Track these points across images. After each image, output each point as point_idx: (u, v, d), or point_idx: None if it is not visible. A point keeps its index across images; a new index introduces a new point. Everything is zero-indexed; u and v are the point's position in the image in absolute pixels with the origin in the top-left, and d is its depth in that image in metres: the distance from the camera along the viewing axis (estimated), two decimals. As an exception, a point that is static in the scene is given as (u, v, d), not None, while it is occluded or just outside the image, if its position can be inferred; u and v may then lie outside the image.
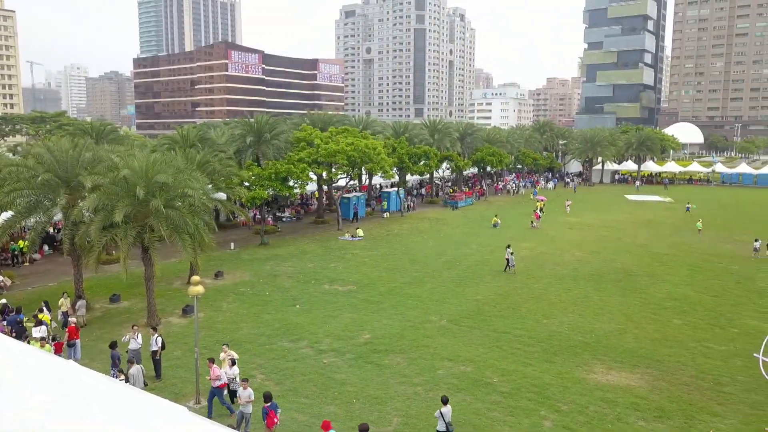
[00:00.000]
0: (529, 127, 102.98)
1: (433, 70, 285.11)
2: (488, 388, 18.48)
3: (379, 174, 48.52)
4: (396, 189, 57.26)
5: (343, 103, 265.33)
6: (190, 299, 19.94)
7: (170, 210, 23.20)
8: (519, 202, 68.94)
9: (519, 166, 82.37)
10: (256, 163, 43.23)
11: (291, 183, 41.64)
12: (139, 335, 19.65)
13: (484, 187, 74.30)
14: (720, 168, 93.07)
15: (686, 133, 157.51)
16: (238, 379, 17.11)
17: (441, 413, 15.17)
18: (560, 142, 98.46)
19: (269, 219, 49.40)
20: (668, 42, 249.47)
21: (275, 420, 14.90)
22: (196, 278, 16.71)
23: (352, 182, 53.90)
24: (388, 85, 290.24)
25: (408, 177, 63.82)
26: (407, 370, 19.93)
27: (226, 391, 17.27)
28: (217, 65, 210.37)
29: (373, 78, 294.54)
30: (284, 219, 51.89)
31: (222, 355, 18.16)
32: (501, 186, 79.08)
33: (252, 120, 45.75)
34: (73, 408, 4.98)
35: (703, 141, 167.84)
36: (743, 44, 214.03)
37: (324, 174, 44.74)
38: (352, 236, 44.18)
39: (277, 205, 54.23)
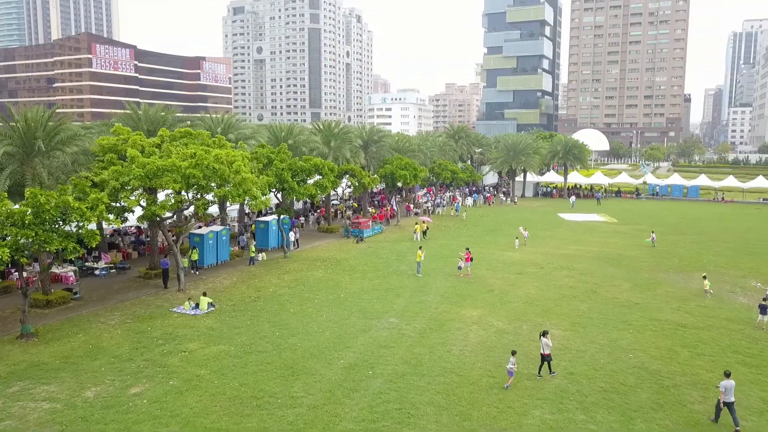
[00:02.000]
0: (443, 133, 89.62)
1: (330, 73, 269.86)
2: None
3: (245, 201, 31.67)
4: (276, 217, 40.50)
5: (231, 106, 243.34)
6: None
7: None
8: (438, 227, 54.41)
9: (432, 179, 68.00)
10: (19, 193, 25.00)
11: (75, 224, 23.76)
12: None
13: (395, 207, 59.16)
14: (651, 179, 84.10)
15: (592, 140, 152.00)
16: None
17: None
18: (476, 150, 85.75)
19: (70, 275, 31.19)
20: (564, 48, 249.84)
21: None
22: None
23: (210, 211, 36.65)
24: (281, 87, 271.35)
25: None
26: None
27: None
28: (79, 60, 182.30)
29: (265, 80, 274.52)
30: (97, 272, 33.62)
31: None
32: (412, 205, 64.34)
33: (14, 122, 26.79)
34: None
35: (609, 148, 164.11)
36: (636, 51, 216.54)
37: (142, 205, 27.24)
38: (196, 306, 27.19)
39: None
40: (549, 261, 39.61)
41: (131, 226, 41.68)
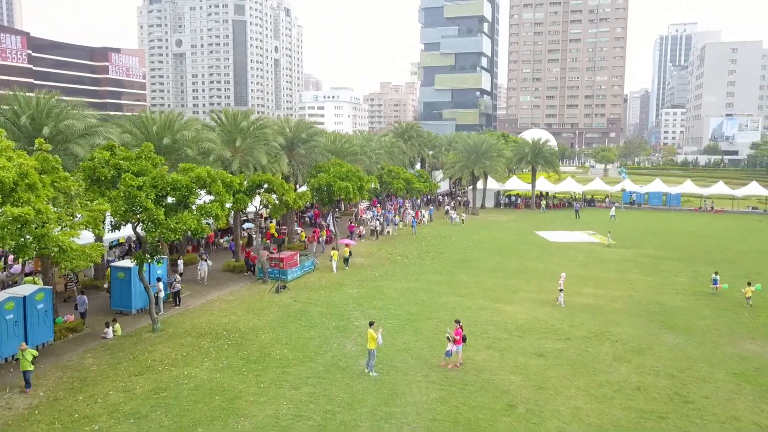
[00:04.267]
0: (389, 132, 74.95)
1: (257, 68, 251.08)
2: None
3: (49, 255, 16.25)
4: (136, 262, 24.71)
5: (147, 104, 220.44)
6: None
7: None
8: (392, 258, 40.25)
9: (379, 190, 53.52)
10: None
11: None
12: None
13: (332, 228, 44.51)
14: (629, 186, 73.06)
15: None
16: None
17: None
18: (429, 152, 72.19)
19: None
20: (502, 46, 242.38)
21: None
22: None
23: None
24: (203, 83, 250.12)
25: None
26: None
27: None
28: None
29: (186, 75, 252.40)
30: None
31: None
32: (355, 224, 49.77)
33: None
34: None
35: (557, 149, 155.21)
36: (577, 50, 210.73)
37: None
38: None
39: None
40: (571, 322, 26.07)
41: None
